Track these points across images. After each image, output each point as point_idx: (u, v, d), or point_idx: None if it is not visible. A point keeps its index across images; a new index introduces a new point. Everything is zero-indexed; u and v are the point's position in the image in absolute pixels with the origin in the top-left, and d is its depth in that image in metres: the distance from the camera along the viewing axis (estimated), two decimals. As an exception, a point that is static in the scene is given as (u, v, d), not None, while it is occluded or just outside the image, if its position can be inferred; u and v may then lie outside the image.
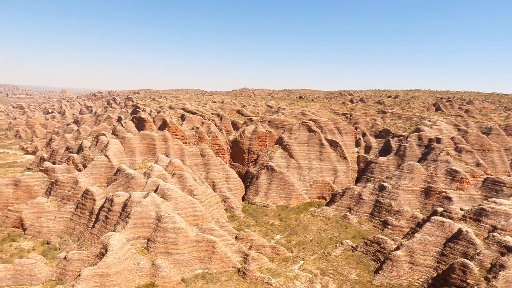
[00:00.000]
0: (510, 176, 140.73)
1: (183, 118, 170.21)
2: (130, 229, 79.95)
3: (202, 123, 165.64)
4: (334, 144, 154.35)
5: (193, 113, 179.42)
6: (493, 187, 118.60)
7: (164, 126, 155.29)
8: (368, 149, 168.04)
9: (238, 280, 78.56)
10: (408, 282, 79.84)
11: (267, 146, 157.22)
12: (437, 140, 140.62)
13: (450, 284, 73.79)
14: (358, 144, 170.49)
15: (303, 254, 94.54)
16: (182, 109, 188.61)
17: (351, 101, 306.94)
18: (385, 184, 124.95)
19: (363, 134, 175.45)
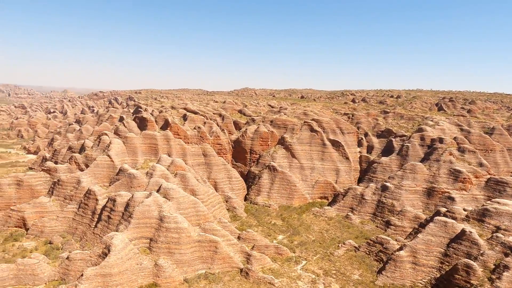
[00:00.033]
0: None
1: (185, 118, 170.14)
2: (133, 229, 79.92)
3: (204, 123, 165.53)
4: (336, 144, 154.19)
5: (195, 113, 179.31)
6: (496, 187, 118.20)
7: (166, 126, 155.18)
8: (370, 149, 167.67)
9: (240, 280, 78.42)
10: (411, 283, 79.56)
11: (269, 146, 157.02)
12: (439, 140, 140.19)
13: (453, 284, 73.51)
14: (360, 144, 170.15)
15: (306, 254, 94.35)
16: (184, 109, 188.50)
17: (353, 101, 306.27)
18: (387, 184, 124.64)
19: (365, 134, 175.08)
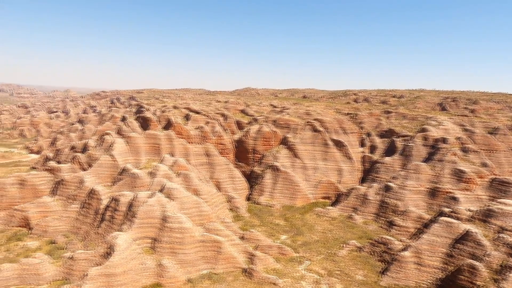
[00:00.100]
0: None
1: (188, 117, 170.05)
2: (136, 229, 79.93)
3: (207, 123, 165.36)
4: (339, 144, 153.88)
5: (197, 112, 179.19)
6: (500, 188, 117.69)
7: (169, 125, 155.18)
8: (373, 149, 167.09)
9: (244, 280, 78.27)
10: (415, 284, 79.26)
11: (272, 146, 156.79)
12: (443, 140, 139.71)
13: (458, 285, 73.24)
14: (363, 144, 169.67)
15: (309, 255, 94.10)
16: (186, 108, 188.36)
17: (356, 100, 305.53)
18: (390, 184, 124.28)
19: (368, 134, 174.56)
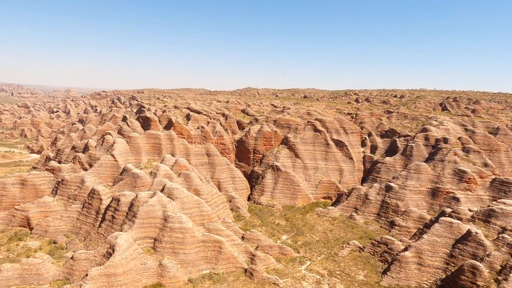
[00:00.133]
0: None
1: (189, 117, 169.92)
2: (137, 229, 79.80)
3: (208, 123, 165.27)
4: (340, 144, 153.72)
5: (198, 112, 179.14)
6: (501, 188, 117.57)
7: (169, 125, 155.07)
8: (374, 149, 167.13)
9: (245, 280, 78.17)
10: (416, 284, 79.12)
11: (273, 146, 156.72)
12: (444, 140, 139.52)
13: (459, 286, 73.04)
14: (364, 144, 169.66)
15: (310, 255, 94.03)
16: (187, 108, 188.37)
17: (357, 100, 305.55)
18: (391, 184, 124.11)
19: (369, 134, 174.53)
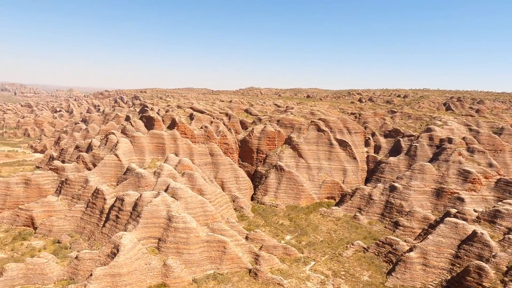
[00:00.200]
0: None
1: (192, 117, 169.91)
2: (141, 228, 79.73)
3: (211, 122, 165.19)
4: (343, 143, 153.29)
5: (201, 112, 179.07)
6: (506, 188, 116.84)
7: (173, 125, 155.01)
8: (377, 149, 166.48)
9: (249, 280, 77.97)
10: (421, 285, 78.67)
11: (276, 145, 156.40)
12: (448, 140, 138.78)
13: (465, 287, 72.53)
14: (367, 144, 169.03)
15: (314, 255, 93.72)
16: (190, 108, 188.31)
17: (360, 100, 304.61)
18: (395, 184, 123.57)
19: (373, 134, 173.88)
